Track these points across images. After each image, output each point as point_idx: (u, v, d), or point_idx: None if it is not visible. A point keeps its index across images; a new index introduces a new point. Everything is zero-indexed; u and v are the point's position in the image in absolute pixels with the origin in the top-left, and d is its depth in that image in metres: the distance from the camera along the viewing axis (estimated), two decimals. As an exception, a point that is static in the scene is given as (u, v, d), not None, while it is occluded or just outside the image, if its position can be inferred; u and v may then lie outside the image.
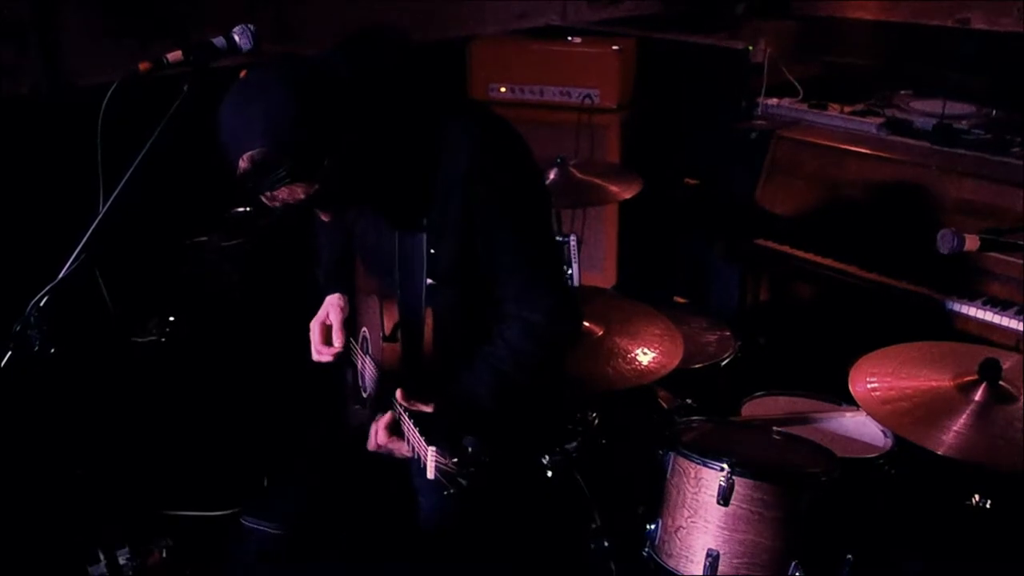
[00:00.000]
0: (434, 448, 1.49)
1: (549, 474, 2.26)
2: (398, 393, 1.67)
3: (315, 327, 1.99)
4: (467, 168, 1.63)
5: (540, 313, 1.72)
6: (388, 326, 1.78)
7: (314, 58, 1.57)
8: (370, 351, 1.90)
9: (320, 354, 1.97)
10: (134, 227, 1.65)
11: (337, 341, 1.96)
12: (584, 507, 2.34)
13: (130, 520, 2.36)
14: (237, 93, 1.51)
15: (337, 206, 1.64)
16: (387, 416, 1.68)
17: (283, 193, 1.53)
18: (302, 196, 1.54)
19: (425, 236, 1.69)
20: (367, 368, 1.91)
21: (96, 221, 1.56)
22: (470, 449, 1.46)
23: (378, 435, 1.67)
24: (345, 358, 2.00)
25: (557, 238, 2.73)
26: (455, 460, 1.45)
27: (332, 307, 1.99)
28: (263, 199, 1.56)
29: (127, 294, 2.31)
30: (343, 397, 2.07)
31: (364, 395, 1.94)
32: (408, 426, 1.62)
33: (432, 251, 1.69)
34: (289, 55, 1.57)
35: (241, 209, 2.88)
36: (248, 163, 1.48)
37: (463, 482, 1.45)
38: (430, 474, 1.51)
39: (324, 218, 1.66)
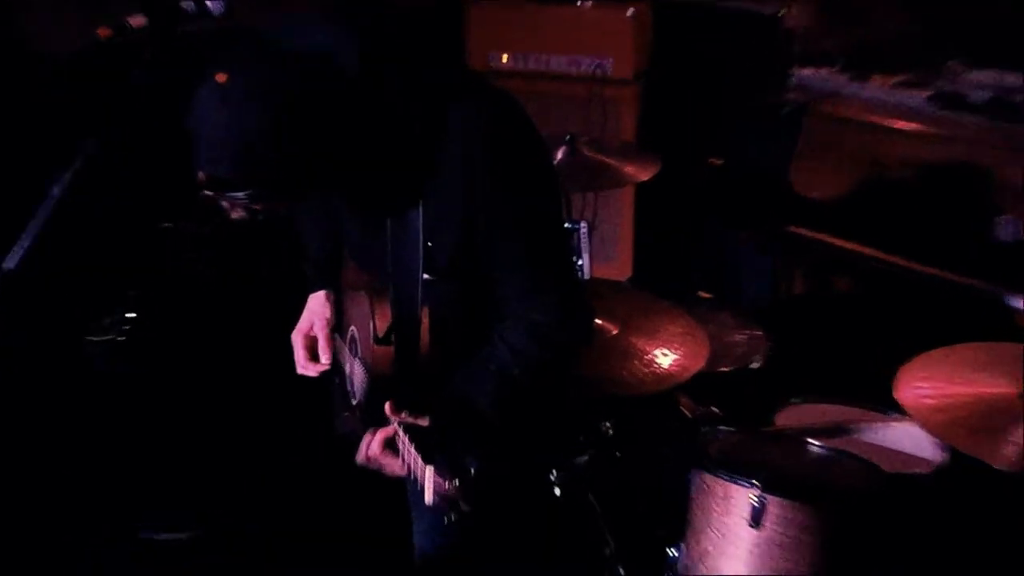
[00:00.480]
0: (432, 468, 1.48)
1: (557, 492, 2.27)
2: (387, 406, 1.65)
3: (298, 340, 1.99)
4: (468, 154, 1.62)
5: (546, 312, 1.72)
6: (380, 326, 1.78)
7: (317, 49, 1.50)
8: (359, 352, 1.90)
9: (305, 369, 1.98)
10: (91, 211, 1.64)
11: (324, 356, 1.96)
12: (596, 530, 2.34)
13: (80, 542, 2.40)
14: (209, 100, 1.47)
15: (314, 201, 1.63)
16: (387, 429, 1.66)
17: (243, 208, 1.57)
18: (269, 207, 1.57)
19: (421, 227, 1.68)
20: (355, 372, 1.91)
21: (47, 203, 1.53)
22: (472, 470, 1.45)
23: (371, 447, 1.66)
24: (334, 362, 1.99)
25: (566, 225, 2.70)
26: (456, 482, 1.44)
27: (316, 316, 1.99)
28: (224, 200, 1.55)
29: (82, 288, 2.29)
30: (330, 402, 2.07)
31: (353, 401, 1.94)
32: (403, 441, 1.60)
33: (429, 243, 1.69)
34: (284, 50, 1.52)
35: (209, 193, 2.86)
36: (207, 180, 1.48)
37: (465, 508, 1.44)
38: (428, 498, 1.49)
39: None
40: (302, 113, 1.46)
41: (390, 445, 1.65)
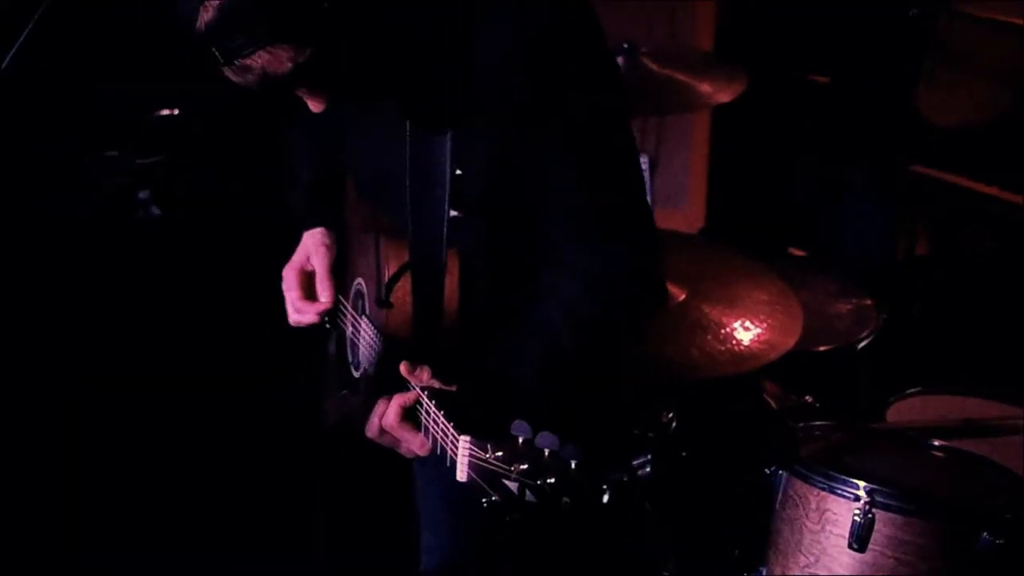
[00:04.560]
0: (468, 438, 1.48)
1: (605, 499, 2.25)
2: (403, 366, 1.66)
3: (291, 276, 1.98)
4: (512, 51, 1.61)
5: (607, 261, 1.70)
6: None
7: None
8: (367, 310, 1.90)
9: (300, 313, 1.97)
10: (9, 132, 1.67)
11: (324, 294, 1.95)
12: (654, 547, 2.35)
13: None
14: None
15: (333, 89, 1.62)
16: (406, 395, 1.67)
17: (262, 59, 1.51)
18: (288, 66, 1.53)
19: (449, 148, 1.68)
20: (362, 334, 1.90)
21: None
22: (520, 439, 1.42)
23: (386, 416, 1.66)
24: (329, 323, 1.99)
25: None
26: (499, 453, 1.43)
27: (315, 246, 1.98)
28: (232, 72, 1.54)
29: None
30: (320, 381, 2.08)
31: (356, 374, 1.94)
32: (428, 409, 1.61)
33: (458, 171, 1.68)
34: None
35: (166, 112, 2.86)
36: (214, 12, 1.47)
37: (511, 486, 1.41)
38: (461, 474, 1.49)
39: (313, 107, 1.63)
40: None
41: (410, 415, 1.67)
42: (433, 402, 1.61)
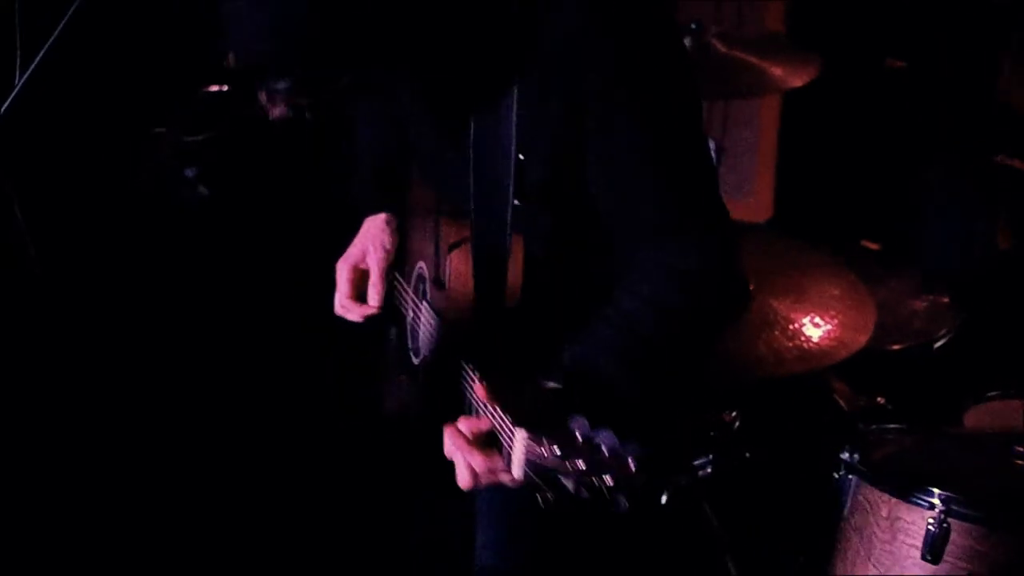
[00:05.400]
0: (525, 431, 1.46)
1: (663, 499, 2.26)
2: (478, 388, 1.59)
3: (344, 272, 2.00)
4: (578, 27, 1.59)
5: (689, 257, 1.67)
6: (457, 263, 1.80)
7: None
8: (428, 295, 1.91)
9: (347, 311, 2.00)
10: (54, 112, 1.70)
11: (374, 298, 1.97)
12: (712, 552, 2.36)
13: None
14: None
15: (375, 102, 1.68)
16: (481, 422, 1.60)
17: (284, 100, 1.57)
18: (314, 95, 1.57)
19: (514, 131, 1.67)
20: (423, 320, 1.91)
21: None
22: (578, 434, 1.41)
23: (474, 457, 1.56)
24: (388, 307, 2.01)
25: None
26: (556, 449, 1.41)
27: (373, 242, 2.00)
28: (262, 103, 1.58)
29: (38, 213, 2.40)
30: (380, 364, 2.10)
31: (415, 360, 1.94)
32: (488, 407, 1.58)
33: (521, 156, 1.67)
34: None
35: (215, 88, 2.88)
36: (237, 60, 1.54)
37: (567, 483, 1.41)
38: (517, 470, 1.47)
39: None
40: None
41: (491, 441, 1.59)
42: (494, 399, 1.59)
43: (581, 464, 1.39)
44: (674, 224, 1.67)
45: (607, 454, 1.39)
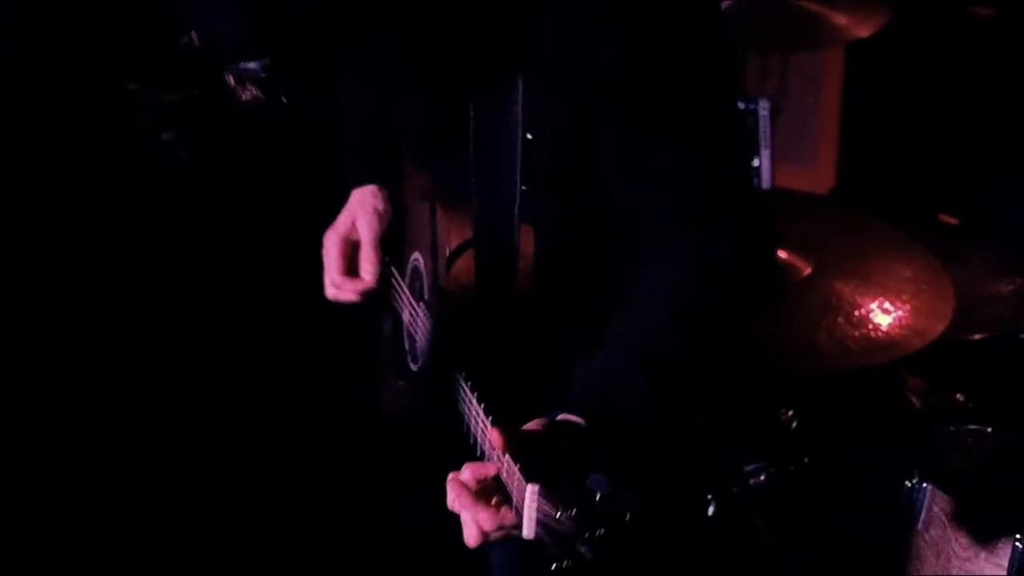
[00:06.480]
0: (537, 487, 1.43)
1: (711, 511, 2.26)
2: (494, 436, 1.54)
3: (332, 244, 1.99)
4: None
5: (710, 246, 1.67)
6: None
7: None
8: (424, 293, 1.91)
9: (339, 289, 1.98)
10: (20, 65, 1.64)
11: (368, 271, 1.96)
12: (765, 567, 2.36)
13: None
14: None
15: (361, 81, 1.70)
16: (488, 468, 1.56)
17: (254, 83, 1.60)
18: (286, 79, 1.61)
19: (520, 108, 1.67)
20: (420, 325, 1.92)
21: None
22: (599, 495, 1.39)
23: (480, 514, 1.53)
24: (382, 301, 2.01)
25: (738, 106, 2.72)
26: (572, 512, 1.39)
27: (363, 211, 2.00)
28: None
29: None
30: (376, 364, 2.11)
31: (413, 367, 1.96)
32: (498, 457, 1.54)
33: (529, 135, 1.67)
34: None
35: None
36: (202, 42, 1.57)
37: (583, 550, 1.38)
38: (528, 531, 1.46)
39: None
40: None
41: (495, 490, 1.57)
42: (508, 444, 1.54)
43: (600, 533, 1.37)
44: (687, 211, 1.68)
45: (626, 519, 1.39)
